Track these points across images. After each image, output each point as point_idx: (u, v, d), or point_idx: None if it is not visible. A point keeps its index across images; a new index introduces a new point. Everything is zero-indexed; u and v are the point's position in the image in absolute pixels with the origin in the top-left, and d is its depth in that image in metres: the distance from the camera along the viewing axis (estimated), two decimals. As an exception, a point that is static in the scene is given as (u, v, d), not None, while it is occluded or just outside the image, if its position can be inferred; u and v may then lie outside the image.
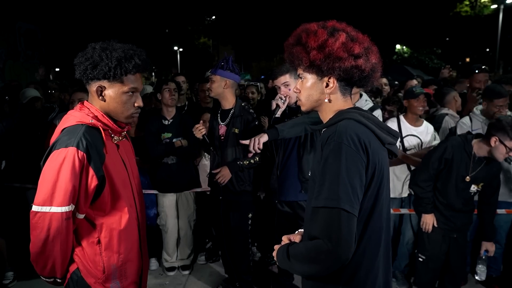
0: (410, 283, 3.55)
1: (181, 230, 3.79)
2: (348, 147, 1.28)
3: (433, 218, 2.89)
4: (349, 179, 1.26)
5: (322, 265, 1.26)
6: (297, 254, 1.35)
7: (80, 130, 1.55)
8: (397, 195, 3.52)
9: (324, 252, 1.23)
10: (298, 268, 1.35)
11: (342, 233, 1.22)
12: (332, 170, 1.27)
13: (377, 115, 3.42)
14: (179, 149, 3.51)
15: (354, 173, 1.27)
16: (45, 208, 1.49)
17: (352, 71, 1.37)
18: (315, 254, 1.26)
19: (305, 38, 1.38)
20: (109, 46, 1.59)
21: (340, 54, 1.34)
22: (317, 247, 1.25)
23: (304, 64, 1.41)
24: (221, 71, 2.95)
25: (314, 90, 1.45)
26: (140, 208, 1.82)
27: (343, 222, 1.23)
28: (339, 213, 1.23)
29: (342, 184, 1.25)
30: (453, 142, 2.83)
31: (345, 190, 1.25)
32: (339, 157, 1.27)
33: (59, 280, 1.67)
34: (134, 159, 1.89)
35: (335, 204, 1.23)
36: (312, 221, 1.29)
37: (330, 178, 1.27)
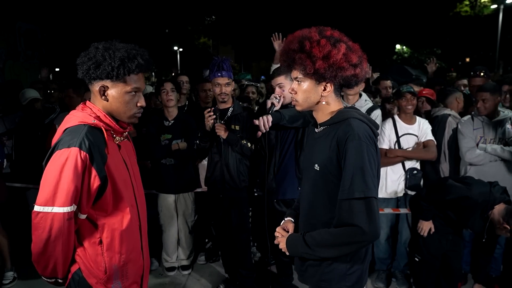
0: (410, 283, 3.55)
1: (181, 231, 3.79)
2: (366, 144, 1.49)
3: (430, 225, 2.92)
4: (372, 171, 1.48)
5: (357, 246, 1.50)
6: (322, 241, 1.54)
7: (83, 130, 1.55)
8: (393, 195, 3.53)
9: (363, 234, 1.45)
10: (324, 253, 1.55)
11: (376, 216, 1.46)
12: (358, 165, 1.46)
13: (377, 115, 3.43)
14: (176, 152, 3.51)
15: (373, 165, 1.50)
16: (47, 208, 1.49)
17: (350, 79, 1.56)
18: (350, 238, 1.48)
19: (309, 47, 1.53)
20: (112, 46, 1.59)
21: (342, 64, 1.51)
22: (352, 232, 1.46)
23: (308, 71, 1.55)
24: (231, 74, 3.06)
25: (312, 93, 1.61)
26: (141, 209, 1.82)
27: (374, 207, 1.46)
28: (371, 201, 1.46)
29: (369, 176, 1.46)
30: (478, 196, 2.62)
31: (371, 181, 1.47)
32: (362, 153, 1.47)
33: (60, 281, 1.67)
34: (135, 159, 1.90)
35: (368, 193, 1.45)
36: (344, 211, 1.48)
37: (359, 172, 1.46)
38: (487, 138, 3.31)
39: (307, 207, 1.73)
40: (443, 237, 2.94)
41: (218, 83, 3.03)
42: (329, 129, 1.62)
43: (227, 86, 3.04)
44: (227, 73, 3.02)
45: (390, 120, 3.56)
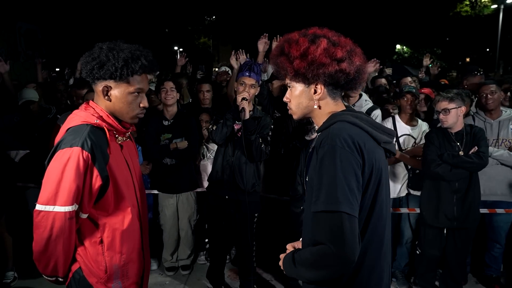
0: (410, 283, 3.55)
1: (182, 231, 3.79)
2: (342, 149, 1.28)
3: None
4: (346, 181, 1.25)
5: (329, 270, 1.26)
6: (303, 260, 1.34)
7: (85, 130, 1.55)
8: (395, 195, 3.53)
9: (330, 256, 1.23)
10: (305, 274, 1.34)
11: (345, 236, 1.22)
12: (328, 173, 1.27)
13: (377, 115, 3.43)
14: (175, 151, 3.51)
15: (350, 175, 1.27)
16: (48, 207, 1.49)
17: (337, 75, 1.38)
18: (321, 259, 1.26)
19: (288, 48, 1.41)
20: (116, 46, 1.60)
21: (322, 60, 1.35)
22: (323, 252, 1.25)
23: (289, 74, 1.43)
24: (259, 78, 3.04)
25: (303, 98, 1.46)
26: (143, 209, 1.82)
27: (345, 225, 1.22)
28: (340, 216, 1.23)
29: (340, 187, 1.24)
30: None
31: (343, 193, 1.24)
32: (334, 159, 1.27)
33: (61, 279, 1.67)
34: (137, 159, 1.90)
35: (335, 207, 1.23)
36: (314, 226, 1.29)
37: (327, 181, 1.26)
38: (489, 139, 3.28)
39: (304, 222, 1.56)
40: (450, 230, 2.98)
41: (244, 82, 2.97)
42: (320, 135, 1.43)
43: (252, 87, 2.96)
44: (255, 76, 2.97)
45: (390, 120, 3.56)
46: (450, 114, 2.85)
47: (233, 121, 2.94)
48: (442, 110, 2.86)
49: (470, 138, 2.92)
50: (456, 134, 2.93)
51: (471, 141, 2.91)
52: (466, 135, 2.92)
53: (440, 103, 2.87)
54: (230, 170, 3.03)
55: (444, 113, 2.86)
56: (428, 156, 2.94)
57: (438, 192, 2.96)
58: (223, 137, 2.98)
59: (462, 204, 2.90)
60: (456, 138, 2.93)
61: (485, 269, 3.53)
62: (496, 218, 3.39)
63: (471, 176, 2.93)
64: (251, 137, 2.89)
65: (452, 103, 2.83)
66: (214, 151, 3.70)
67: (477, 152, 2.86)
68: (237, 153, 3.01)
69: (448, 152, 2.88)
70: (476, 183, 2.96)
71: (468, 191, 2.92)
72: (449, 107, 2.83)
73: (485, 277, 3.52)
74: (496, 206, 3.34)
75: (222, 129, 2.94)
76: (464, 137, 2.92)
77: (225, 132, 2.95)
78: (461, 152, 2.88)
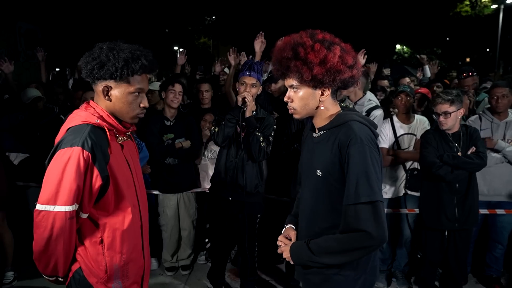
0: (410, 282, 3.55)
1: (184, 230, 3.78)
2: (369, 147, 1.47)
3: None
4: (376, 174, 1.46)
5: (366, 251, 1.46)
6: (328, 248, 1.50)
7: (86, 129, 1.55)
8: (394, 195, 3.53)
9: (370, 240, 1.42)
10: (330, 260, 1.50)
11: (383, 220, 1.43)
12: (363, 169, 1.44)
13: (375, 115, 3.42)
14: (180, 151, 3.51)
15: (377, 168, 1.48)
16: (49, 207, 1.49)
17: (348, 81, 1.54)
18: (358, 244, 1.44)
19: (304, 53, 1.47)
20: (116, 46, 1.60)
21: (340, 68, 1.48)
22: (360, 237, 1.43)
23: (305, 78, 1.50)
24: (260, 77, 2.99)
25: (310, 99, 1.57)
26: (143, 209, 1.82)
27: (381, 211, 1.43)
28: (378, 205, 1.43)
29: (373, 180, 1.44)
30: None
31: (376, 185, 1.44)
32: (366, 157, 1.45)
33: (61, 279, 1.67)
34: (137, 159, 1.90)
35: (374, 197, 1.42)
36: (351, 216, 1.44)
37: (363, 176, 1.43)
38: (495, 139, 3.27)
39: (308, 213, 1.68)
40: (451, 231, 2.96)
41: (245, 81, 2.93)
42: (328, 133, 1.58)
43: (253, 87, 2.92)
44: (256, 75, 2.92)
45: (388, 120, 3.56)
46: (451, 118, 2.84)
47: (235, 121, 2.90)
48: (442, 112, 2.84)
49: (466, 138, 2.91)
50: (453, 135, 2.92)
51: (468, 142, 2.91)
52: (462, 135, 2.91)
53: (441, 106, 2.84)
54: (233, 171, 3.00)
55: (445, 116, 2.83)
56: (428, 158, 2.90)
57: (438, 194, 2.94)
58: (226, 139, 2.96)
59: (463, 205, 2.90)
60: (454, 139, 2.92)
61: (486, 269, 3.53)
62: (499, 218, 3.39)
63: (470, 177, 2.93)
64: (251, 135, 2.87)
65: (453, 105, 2.81)
66: (215, 151, 3.71)
67: (477, 152, 2.85)
68: (241, 154, 2.98)
69: (448, 153, 2.87)
70: (475, 183, 2.96)
71: (468, 192, 2.92)
72: (450, 110, 2.82)
73: (486, 277, 3.52)
74: (500, 206, 3.34)
75: (224, 130, 2.91)
76: (461, 137, 2.91)
77: (227, 133, 2.92)
78: (459, 153, 2.87)
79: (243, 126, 2.94)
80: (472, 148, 2.86)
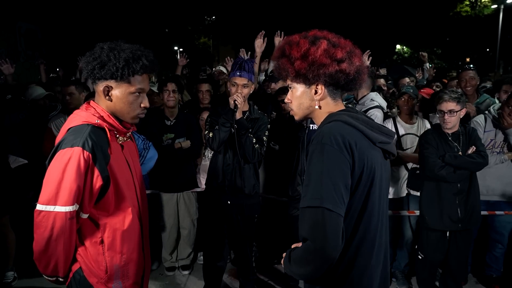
0: (410, 283, 3.55)
1: (184, 230, 3.78)
2: (331, 147, 1.30)
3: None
4: (332, 179, 1.27)
5: (313, 266, 1.28)
6: (295, 257, 1.37)
7: (86, 130, 1.56)
8: (395, 196, 3.53)
9: (312, 252, 1.25)
10: (296, 271, 1.37)
11: (326, 231, 1.23)
12: (315, 171, 1.30)
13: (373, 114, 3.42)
14: (179, 151, 3.51)
15: (337, 173, 1.29)
16: (49, 207, 1.49)
17: (337, 76, 1.41)
18: (306, 255, 1.29)
19: (289, 50, 1.44)
20: (117, 46, 1.60)
21: (323, 61, 1.38)
22: (307, 248, 1.27)
23: (290, 75, 1.46)
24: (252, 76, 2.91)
25: (304, 98, 1.49)
26: (143, 209, 1.82)
27: (326, 220, 1.24)
28: (322, 212, 1.24)
29: (325, 184, 1.27)
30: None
31: (328, 190, 1.26)
32: (321, 157, 1.30)
33: (61, 279, 1.67)
34: (138, 159, 1.90)
35: (318, 203, 1.25)
36: (300, 222, 1.31)
37: (314, 178, 1.30)
38: (497, 141, 3.26)
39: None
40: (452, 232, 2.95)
41: (236, 83, 2.82)
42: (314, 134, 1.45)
43: (244, 87, 2.81)
44: (247, 74, 2.80)
45: (391, 120, 3.56)
46: (455, 116, 2.82)
47: (230, 124, 2.80)
48: (448, 111, 2.81)
49: (466, 138, 2.91)
50: (453, 134, 2.92)
51: (467, 141, 2.90)
52: (461, 135, 2.91)
53: (447, 104, 2.81)
54: (231, 174, 2.92)
55: (450, 114, 2.81)
56: (430, 158, 2.88)
57: (440, 195, 2.92)
58: (221, 143, 2.86)
59: (465, 205, 2.89)
60: (453, 139, 2.91)
61: (486, 269, 3.53)
62: (499, 218, 3.39)
63: (471, 177, 2.92)
64: (243, 137, 2.80)
65: (459, 104, 2.81)
66: (216, 151, 3.70)
67: (478, 152, 2.85)
68: (237, 156, 2.88)
69: (449, 153, 2.86)
70: (476, 183, 2.95)
71: (470, 192, 2.90)
72: (456, 108, 2.80)
73: (486, 277, 3.52)
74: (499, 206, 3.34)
75: (219, 135, 2.82)
76: (461, 137, 2.91)
77: (223, 138, 2.83)
78: (459, 153, 2.87)
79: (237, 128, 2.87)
80: (472, 148, 2.86)
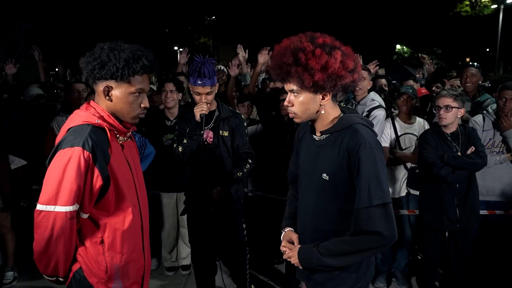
0: (410, 283, 3.55)
1: (184, 229, 3.76)
2: (377, 150, 1.51)
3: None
4: (384, 176, 1.51)
5: (377, 250, 1.54)
6: (339, 251, 1.54)
7: (86, 130, 1.56)
8: (395, 195, 3.53)
9: (382, 240, 1.47)
10: (340, 262, 1.55)
11: (393, 220, 1.50)
12: (374, 173, 1.48)
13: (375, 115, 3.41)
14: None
15: (385, 170, 1.53)
16: (49, 207, 1.50)
17: (349, 85, 1.55)
18: (370, 245, 1.49)
19: (305, 59, 1.46)
20: (117, 46, 1.60)
21: (341, 73, 1.48)
22: (372, 239, 1.48)
23: (306, 84, 1.49)
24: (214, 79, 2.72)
25: (311, 104, 1.56)
26: (144, 209, 1.82)
27: (392, 212, 1.50)
28: (389, 206, 1.49)
29: (384, 182, 1.49)
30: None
31: (386, 186, 1.50)
32: (375, 160, 1.49)
33: (61, 279, 1.67)
34: (138, 159, 1.90)
35: (385, 199, 1.48)
36: (363, 219, 1.48)
37: (374, 179, 1.48)
38: (496, 140, 3.26)
39: (312, 215, 1.69)
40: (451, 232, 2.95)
41: (198, 92, 2.62)
42: (332, 137, 1.59)
43: (208, 94, 2.63)
44: (209, 81, 2.57)
45: (389, 120, 3.57)
46: (451, 112, 2.82)
47: (198, 136, 2.65)
48: (444, 106, 2.83)
49: (465, 138, 2.91)
50: (452, 134, 2.92)
51: (466, 142, 2.90)
52: (461, 135, 2.91)
53: (444, 99, 2.83)
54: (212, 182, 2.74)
55: (446, 110, 2.82)
56: (428, 158, 2.88)
57: (439, 195, 2.92)
58: (192, 155, 2.70)
59: (464, 205, 2.89)
60: (452, 139, 2.91)
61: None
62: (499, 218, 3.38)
63: (470, 177, 2.92)
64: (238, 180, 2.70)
65: (456, 102, 2.81)
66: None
67: (477, 152, 2.85)
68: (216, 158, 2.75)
69: (448, 153, 2.87)
70: (475, 183, 2.95)
71: (469, 192, 2.90)
72: (452, 105, 2.81)
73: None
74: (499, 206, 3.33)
75: (190, 148, 2.66)
76: (460, 137, 2.91)
77: (193, 150, 2.66)
78: (458, 153, 2.87)
79: (207, 136, 2.75)
80: (472, 148, 2.86)
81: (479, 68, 3.87)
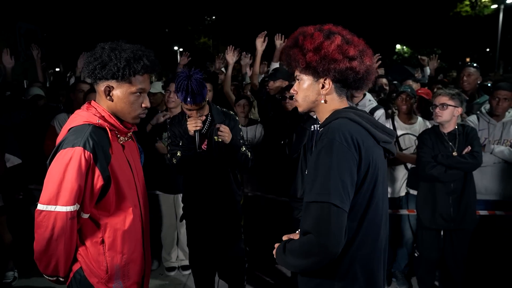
0: (410, 283, 3.55)
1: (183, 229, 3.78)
2: (340, 144, 1.32)
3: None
4: (340, 175, 1.29)
5: (314, 259, 1.30)
6: (292, 249, 1.39)
7: (87, 130, 1.56)
8: (395, 195, 3.53)
9: (315, 245, 1.27)
10: (292, 262, 1.39)
11: (331, 227, 1.25)
12: (324, 166, 1.31)
13: (379, 115, 3.42)
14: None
15: (345, 169, 1.30)
16: (50, 207, 1.50)
17: (347, 73, 1.41)
18: (308, 248, 1.30)
19: (302, 41, 1.44)
20: (118, 46, 1.60)
21: (335, 56, 1.39)
22: (309, 241, 1.29)
23: (300, 66, 1.46)
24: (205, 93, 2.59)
25: (310, 91, 1.49)
26: (144, 209, 1.82)
27: (332, 216, 1.26)
28: (329, 208, 1.26)
29: (333, 180, 1.28)
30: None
31: (336, 185, 1.28)
32: (330, 153, 1.31)
33: (62, 279, 1.67)
34: (139, 159, 1.90)
35: (325, 198, 1.27)
36: (304, 216, 1.33)
37: (321, 173, 1.31)
38: (491, 140, 3.28)
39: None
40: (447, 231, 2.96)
41: (189, 109, 2.52)
42: (323, 131, 1.47)
43: (200, 109, 2.54)
44: (199, 97, 2.43)
45: (389, 120, 3.57)
46: (447, 110, 2.83)
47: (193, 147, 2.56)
48: (440, 104, 2.84)
49: (463, 138, 2.91)
50: (449, 134, 2.92)
51: (464, 141, 2.90)
52: (458, 135, 2.91)
53: (440, 97, 2.85)
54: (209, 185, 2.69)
55: (441, 108, 2.84)
56: (423, 158, 2.92)
57: (434, 194, 2.94)
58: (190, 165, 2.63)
59: (458, 205, 2.89)
60: (449, 138, 2.92)
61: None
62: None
63: (466, 177, 2.92)
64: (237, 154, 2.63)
65: (452, 100, 2.82)
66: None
67: (471, 152, 2.86)
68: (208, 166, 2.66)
69: (442, 153, 2.87)
70: (471, 183, 2.95)
71: (464, 192, 2.91)
72: (448, 103, 2.82)
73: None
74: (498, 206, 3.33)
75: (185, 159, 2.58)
76: (457, 137, 2.91)
77: (188, 159, 2.58)
78: (454, 153, 2.88)
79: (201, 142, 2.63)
80: (468, 148, 2.87)
81: (477, 68, 3.87)
